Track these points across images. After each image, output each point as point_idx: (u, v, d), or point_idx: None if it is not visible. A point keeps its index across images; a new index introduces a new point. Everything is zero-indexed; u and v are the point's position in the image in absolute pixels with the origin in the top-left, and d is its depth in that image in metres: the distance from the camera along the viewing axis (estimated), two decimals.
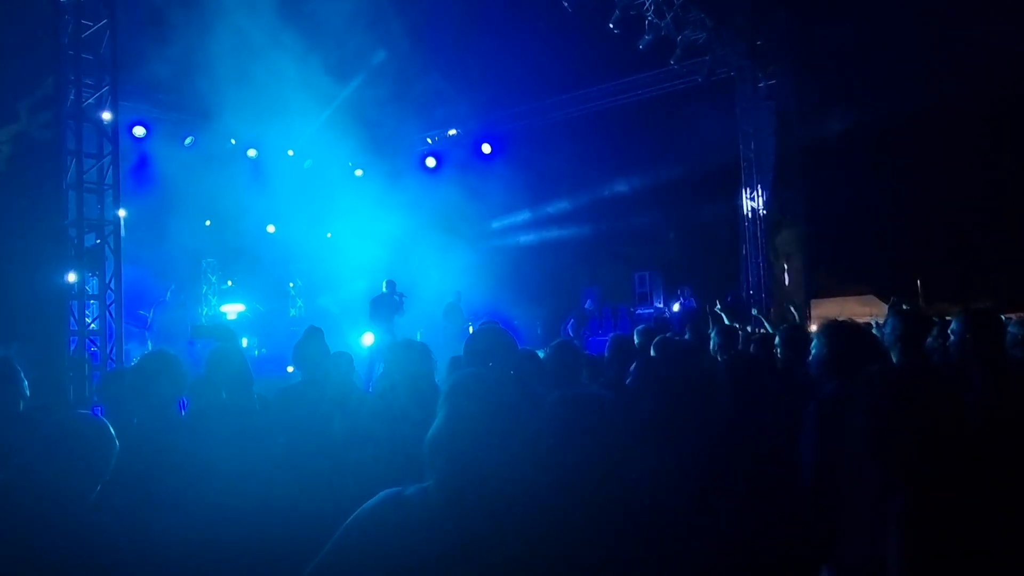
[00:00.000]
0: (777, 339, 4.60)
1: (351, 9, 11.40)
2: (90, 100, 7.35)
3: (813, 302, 14.88)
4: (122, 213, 7.61)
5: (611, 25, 12.61)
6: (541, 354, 4.02)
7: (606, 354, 4.99)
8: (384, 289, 13.05)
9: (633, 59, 14.10)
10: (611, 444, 2.09)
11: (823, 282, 15.90)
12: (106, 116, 7.40)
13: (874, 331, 4.60)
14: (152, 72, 11.71)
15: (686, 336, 6.86)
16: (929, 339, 3.58)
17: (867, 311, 13.18)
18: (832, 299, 15.86)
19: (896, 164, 14.21)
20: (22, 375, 4.14)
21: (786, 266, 14.34)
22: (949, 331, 3.20)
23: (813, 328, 12.30)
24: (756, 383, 3.30)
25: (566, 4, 11.92)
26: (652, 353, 4.73)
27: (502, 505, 1.67)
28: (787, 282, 14.11)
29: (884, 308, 10.23)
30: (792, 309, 7.76)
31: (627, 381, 3.79)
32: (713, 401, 2.99)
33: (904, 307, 8.98)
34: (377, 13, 11.77)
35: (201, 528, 2.92)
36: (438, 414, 1.82)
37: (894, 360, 3.69)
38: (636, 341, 5.58)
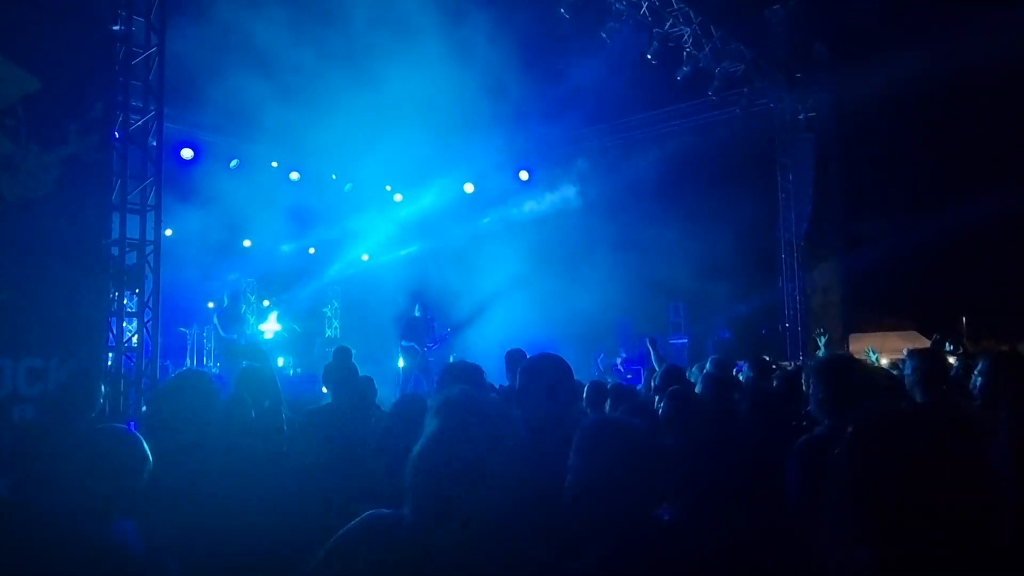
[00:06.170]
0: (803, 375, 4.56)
1: (397, 38, 11.62)
2: (137, 124, 7.62)
3: (852, 336, 14.55)
4: (168, 232, 7.87)
5: (649, 56, 12.64)
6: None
7: (656, 383, 5.03)
8: (416, 312, 13.16)
9: (671, 90, 14.13)
10: (638, 473, 2.04)
11: (863, 316, 15.55)
12: (152, 140, 7.67)
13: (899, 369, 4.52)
14: (200, 94, 12.05)
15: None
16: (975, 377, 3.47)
17: (908, 346, 12.81)
18: (872, 334, 15.50)
19: (939, 196, 13.92)
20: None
21: (824, 299, 14.10)
22: (976, 372, 3.11)
23: None
24: (775, 419, 3.28)
25: (604, 36, 12.00)
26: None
27: (486, 534, 1.66)
28: (825, 315, 13.85)
29: (926, 344, 9.96)
30: (817, 340, 7.54)
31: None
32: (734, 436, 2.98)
33: (948, 346, 8.74)
34: (422, 45, 11.99)
35: (225, 546, 2.95)
36: (425, 431, 1.74)
37: (918, 400, 3.61)
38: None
